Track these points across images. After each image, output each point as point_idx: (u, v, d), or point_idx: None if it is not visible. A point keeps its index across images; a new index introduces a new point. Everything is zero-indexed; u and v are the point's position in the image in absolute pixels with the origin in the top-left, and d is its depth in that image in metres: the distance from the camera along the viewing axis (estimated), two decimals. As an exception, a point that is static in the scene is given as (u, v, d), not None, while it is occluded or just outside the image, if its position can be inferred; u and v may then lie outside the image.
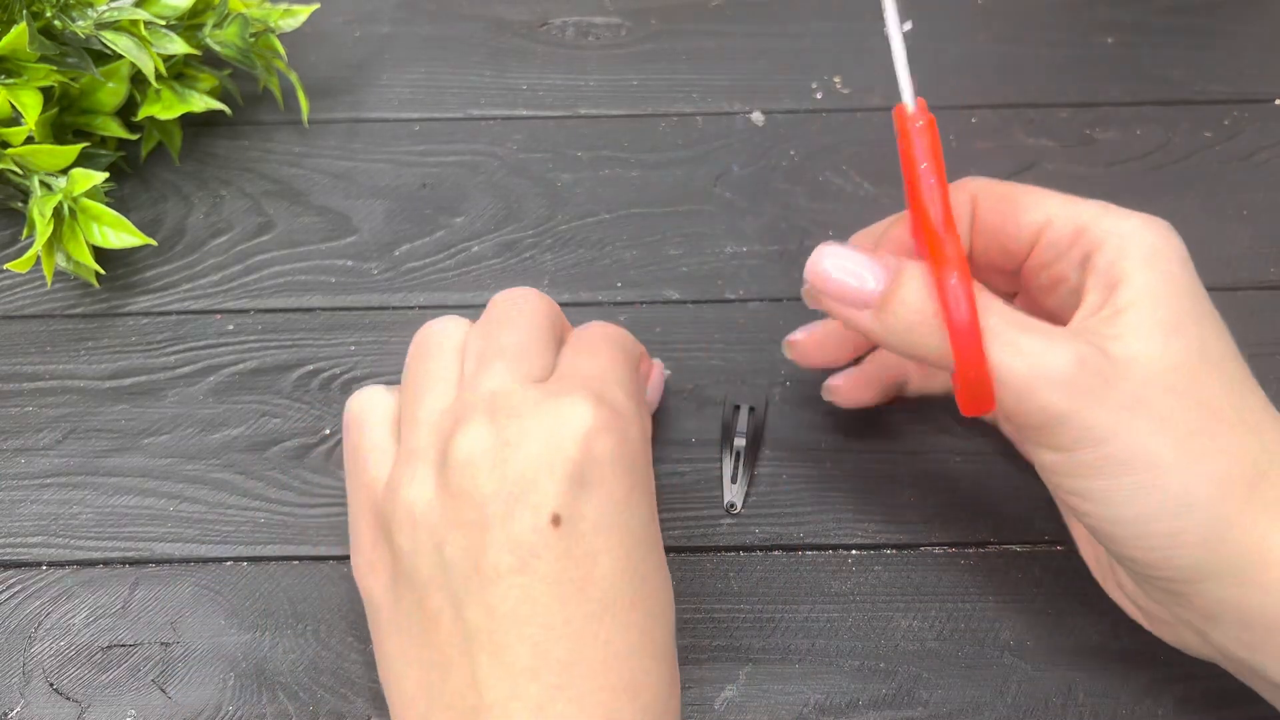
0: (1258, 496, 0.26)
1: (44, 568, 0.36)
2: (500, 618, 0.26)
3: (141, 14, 0.41)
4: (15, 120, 0.40)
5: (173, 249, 0.43)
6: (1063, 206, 0.29)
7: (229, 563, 0.36)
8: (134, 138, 0.44)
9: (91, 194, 0.40)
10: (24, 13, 0.40)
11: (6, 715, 0.33)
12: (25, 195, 0.41)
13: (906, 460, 0.37)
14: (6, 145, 0.40)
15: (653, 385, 0.36)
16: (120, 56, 0.41)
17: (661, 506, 0.37)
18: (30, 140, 0.40)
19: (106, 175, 0.40)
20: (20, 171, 0.40)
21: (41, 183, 0.40)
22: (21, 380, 0.40)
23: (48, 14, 0.40)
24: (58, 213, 0.39)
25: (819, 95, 0.48)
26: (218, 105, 0.44)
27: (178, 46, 0.42)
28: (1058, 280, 0.29)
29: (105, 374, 0.40)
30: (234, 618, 0.35)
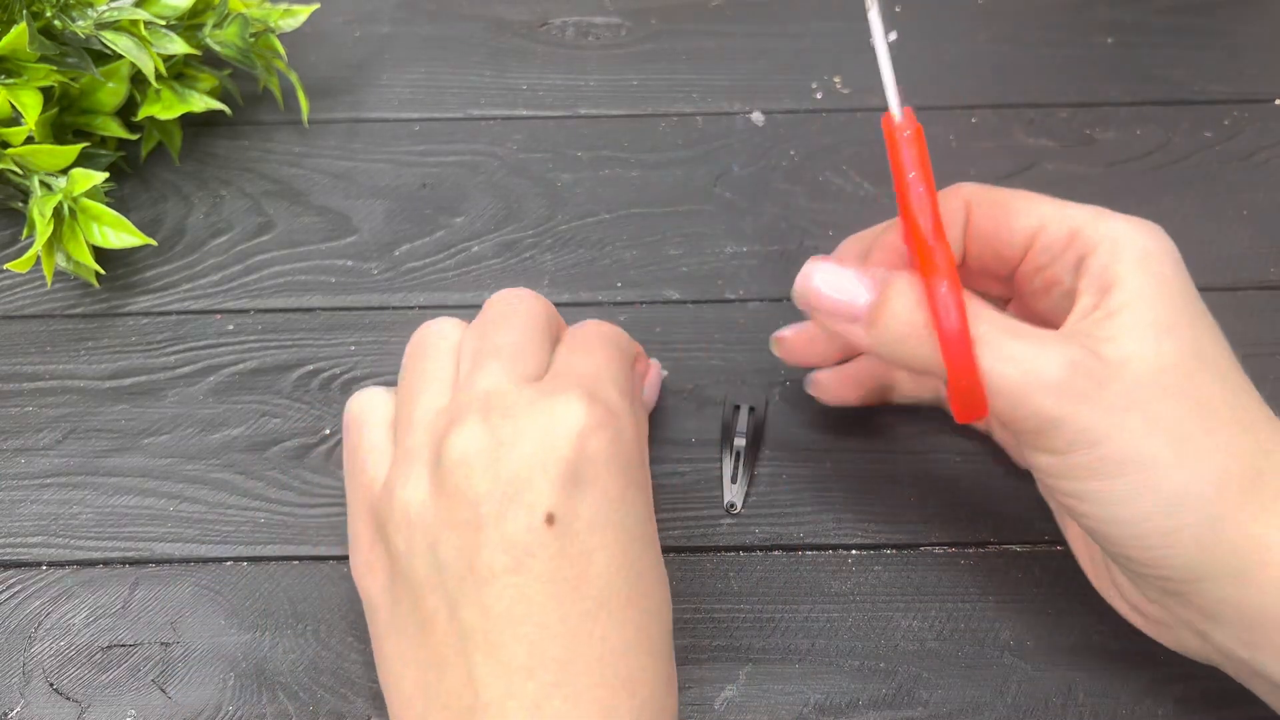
0: (1254, 495, 0.26)
1: (44, 568, 0.36)
2: (495, 617, 0.26)
3: (141, 14, 0.41)
4: (15, 120, 0.40)
5: (173, 249, 0.43)
6: (1056, 210, 0.29)
7: (229, 563, 0.36)
8: (134, 138, 0.44)
9: (91, 194, 0.40)
10: (24, 13, 0.40)
11: (6, 715, 0.33)
12: (25, 195, 0.41)
13: (906, 460, 0.37)
14: (6, 145, 0.40)
15: (649, 384, 0.36)
16: (120, 56, 0.41)
17: (661, 506, 0.37)
18: (30, 140, 0.40)
19: (106, 175, 0.40)
20: (20, 171, 0.40)
21: (41, 183, 0.40)
22: (21, 380, 0.40)
23: (48, 14, 0.40)
24: (58, 213, 0.39)
25: (819, 95, 0.48)
26: (218, 105, 0.44)
27: (178, 46, 0.42)
28: (1051, 284, 0.29)
29: (105, 374, 0.40)
30: (234, 618, 0.35)
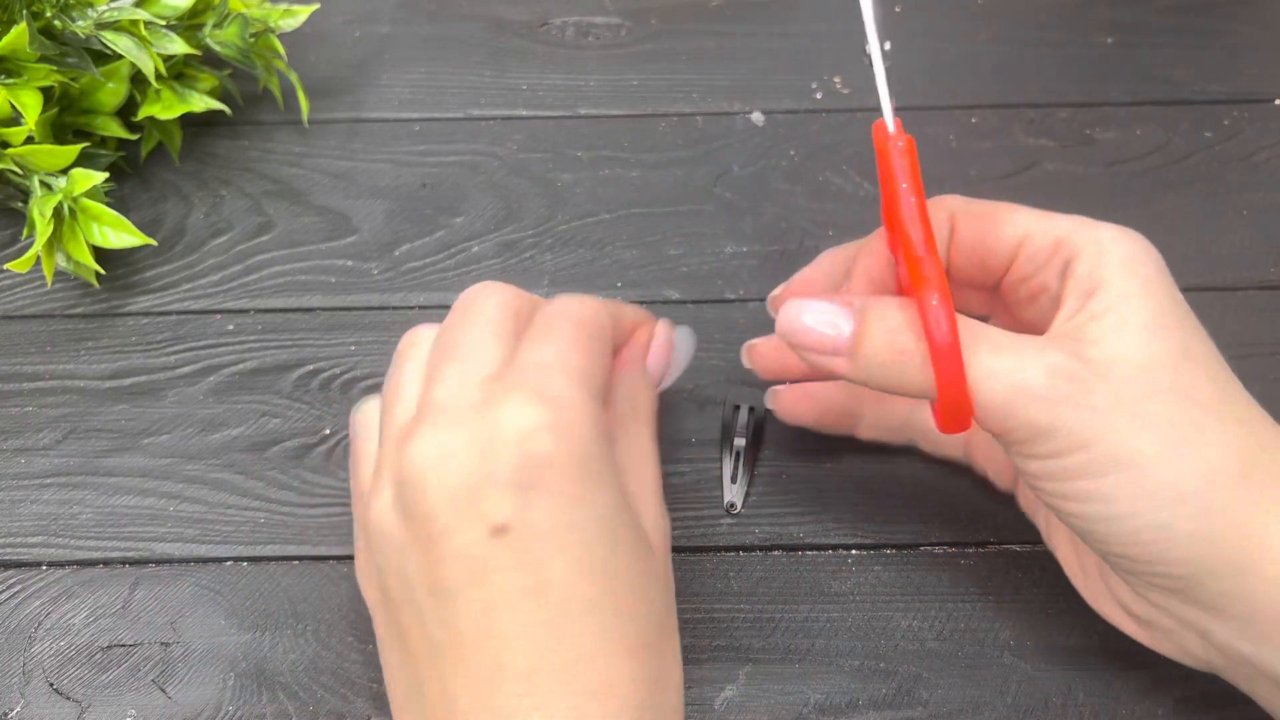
0: (1251, 486, 0.26)
1: (44, 568, 0.36)
2: (460, 632, 0.26)
3: (141, 14, 0.41)
4: (15, 120, 0.40)
5: (173, 249, 0.43)
6: (1040, 220, 0.29)
7: (229, 563, 0.36)
8: (134, 138, 0.44)
9: (91, 194, 0.40)
10: (24, 13, 0.40)
11: (6, 715, 0.33)
12: (25, 195, 0.41)
13: (906, 460, 0.37)
14: (6, 145, 0.40)
15: (654, 352, 0.33)
16: (120, 56, 0.41)
17: (661, 506, 0.37)
18: (30, 140, 0.40)
19: (106, 175, 0.40)
20: (20, 171, 0.40)
21: (41, 183, 0.40)
22: (21, 380, 0.40)
23: (48, 14, 0.40)
24: (58, 213, 0.39)
25: (819, 95, 0.48)
26: (218, 105, 0.44)
27: (178, 46, 0.42)
28: (1038, 292, 0.29)
29: (105, 374, 0.40)
30: (234, 618, 0.35)
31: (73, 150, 0.40)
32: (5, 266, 0.43)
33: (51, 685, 0.34)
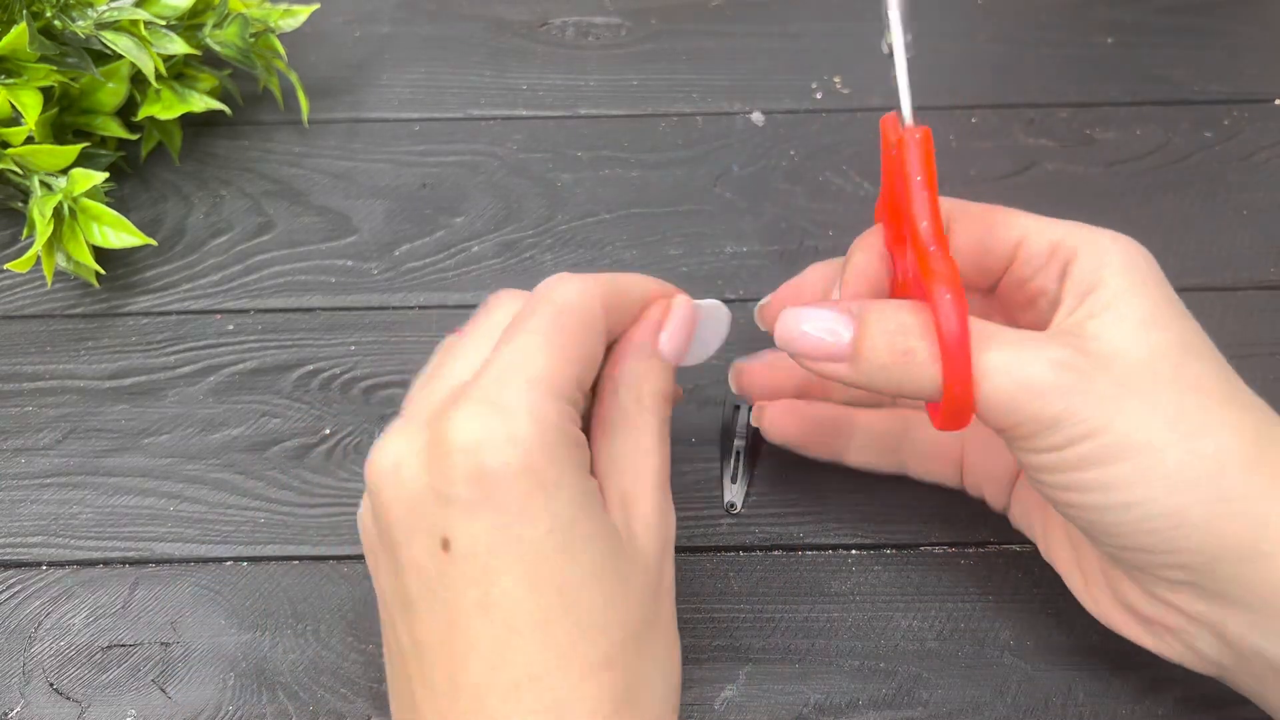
0: (1263, 470, 0.25)
1: (44, 568, 0.36)
2: (419, 644, 0.26)
3: (141, 14, 0.41)
4: (15, 120, 0.40)
5: (173, 249, 0.43)
6: (1037, 223, 0.29)
7: (229, 563, 0.36)
8: (134, 138, 0.44)
9: (91, 194, 0.40)
10: (24, 13, 0.40)
11: (6, 715, 0.33)
12: (25, 195, 0.41)
13: (906, 460, 0.37)
14: (6, 145, 0.40)
15: (670, 331, 0.30)
16: (120, 56, 0.41)
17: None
18: (30, 140, 0.40)
19: (106, 175, 0.40)
20: (20, 171, 0.40)
21: (41, 183, 0.40)
22: (21, 380, 0.40)
23: (48, 14, 0.40)
24: (58, 213, 0.39)
25: (819, 95, 0.48)
26: (218, 105, 0.44)
27: (178, 46, 0.42)
28: (1036, 295, 0.29)
29: (105, 374, 0.40)
30: (234, 618, 0.35)
31: (73, 150, 0.40)
32: (5, 266, 0.43)
33: (51, 685, 0.34)
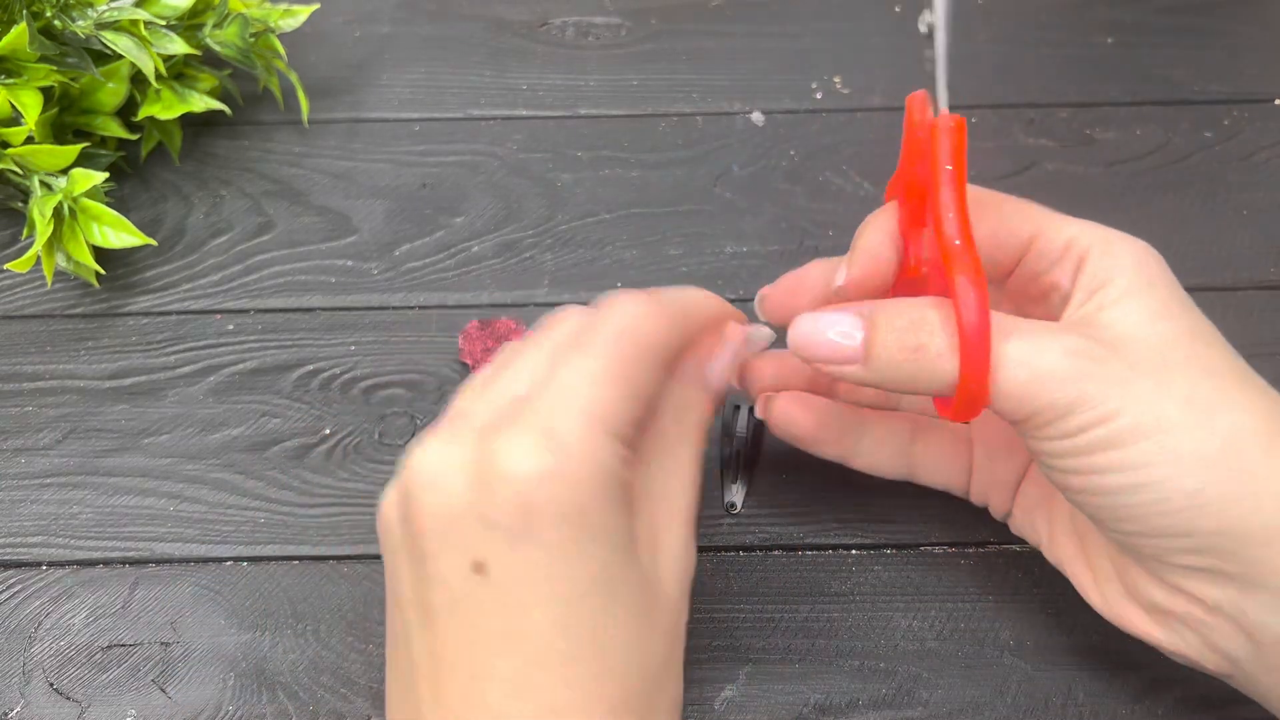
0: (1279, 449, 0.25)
1: (44, 568, 0.36)
2: (436, 656, 0.26)
3: (141, 14, 0.41)
4: (15, 120, 0.40)
5: (173, 249, 0.43)
6: (1052, 218, 0.30)
7: (229, 563, 0.36)
8: (134, 138, 0.44)
9: (91, 194, 0.40)
10: (24, 13, 0.40)
11: (6, 715, 0.33)
12: (25, 195, 0.41)
13: (906, 460, 0.37)
14: (6, 145, 0.40)
15: (718, 364, 0.30)
16: (120, 56, 0.41)
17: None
18: (30, 140, 0.40)
19: (106, 175, 0.40)
20: (20, 171, 0.40)
21: (41, 183, 0.40)
22: (21, 380, 0.40)
23: (48, 14, 0.40)
24: (58, 213, 0.39)
25: (819, 95, 0.48)
26: (218, 105, 0.44)
27: (178, 46, 0.42)
28: (1048, 289, 0.29)
29: (105, 374, 0.40)
30: (234, 618, 0.35)
31: (73, 150, 0.40)
32: (5, 266, 0.43)
33: (51, 685, 0.34)
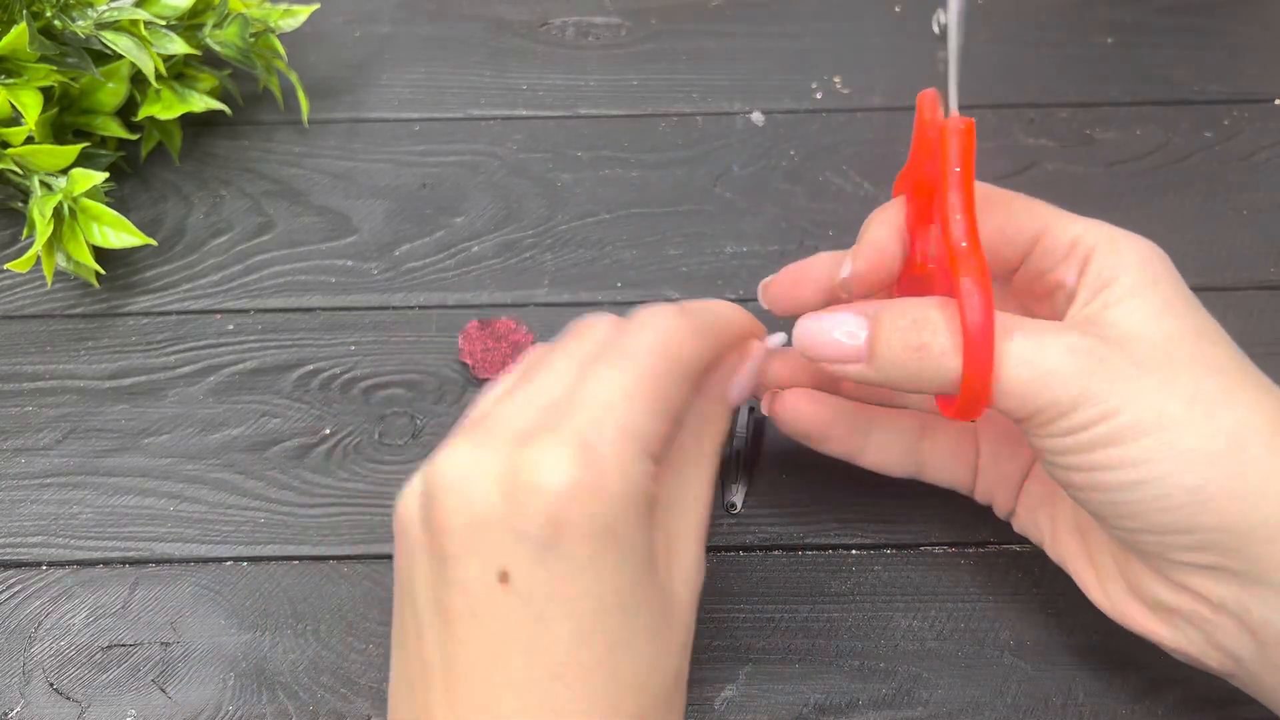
0: None
1: (44, 568, 0.36)
2: (451, 659, 0.25)
3: (141, 14, 0.41)
4: (15, 120, 0.40)
5: (173, 249, 0.43)
6: (1059, 216, 0.30)
7: (229, 563, 0.36)
8: (134, 138, 0.44)
9: (91, 194, 0.40)
10: (24, 13, 0.40)
11: (6, 715, 0.33)
12: (25, 195, 0.41)
13: (906, 460, 0.37)
14: (6, 145, 0.40)
15: (740, 383, 0.31)
16: (120, 56, 0.41)
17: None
18: (30, 140, 0.40)
19: (106, 175, 0.40)
20: (20, 171, 0.40)
21: (41, 183, 0.40)
22: (21, 380, 0.40)
23: (48, 14, 0.40)
24: (58, 213, 0.39)
25: (819, 95, 0.48)
26: (218, 105, 0.44)
27: (178, 46, 0.42)
28: (1054, 287, 0.30)
29: (105, 374, 0.40)
30: (234, 618, 0.35)
31: (73, 150, 0.40)
32: (5, 266, 0.43)
33: (51, 685, 0.34)
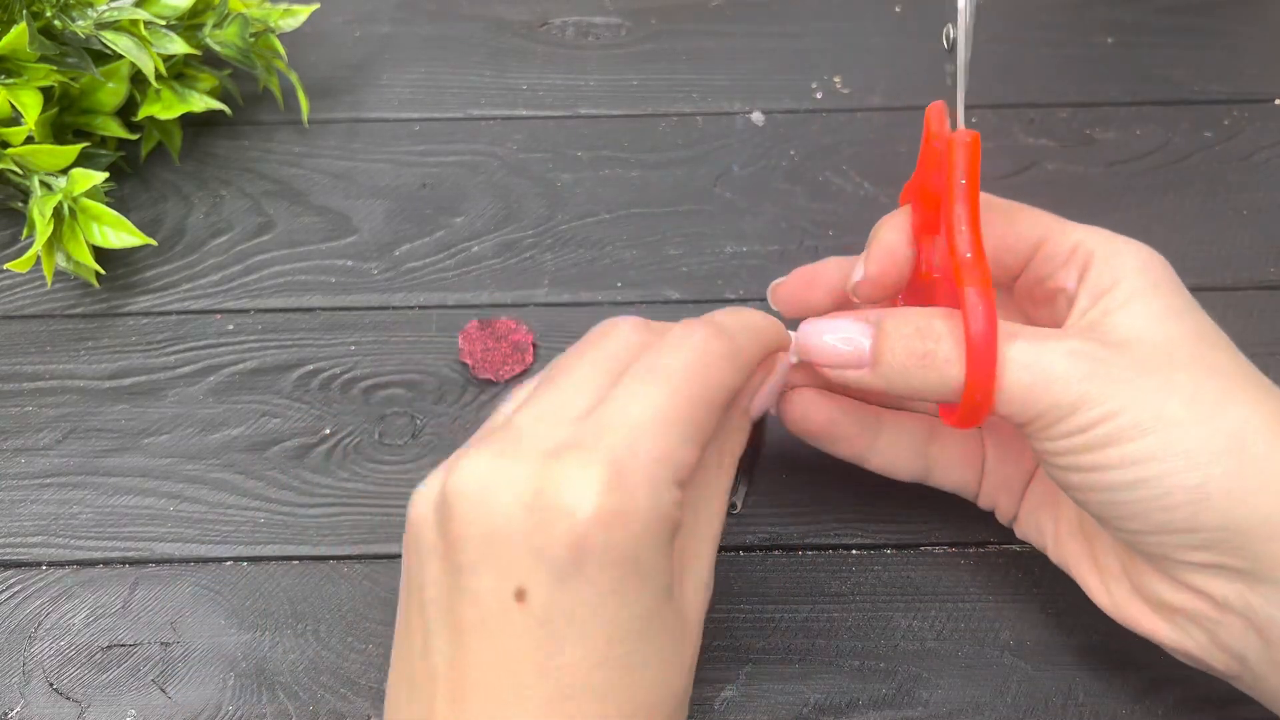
0: None
1: (44, 568, 0.36)
2: (460, 670, 0.25)
3: (141, 14, 0.41)
4: (15, 120, 0.40)
5: (173, 249, 0.43)
6: (1059, 223, 0.30)
7: (229, 563, 0.36)
8: (134, 138, 0.44)
9: (91, 194, 0.40)
10: (24, 13, 0.40)
11: (6, 715, 0.33)
12: (25, 195, 0.41)
13: (906, 460, 0.37)
14: (6, 145, 0.40)
15: (762, 398, 0.30)
16: (120, 56, 0.41)
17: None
18: (30, 140, 0.40)
19: (106, 175, 0.40)
20: (20, 171, 0.40)
21: (41, 183, 0.40)
22: (21, 380, 0.40)
23: (48, 14, 0.40)
24: (58, 213, 0.39)
25: (819, 95, 0.48)
26: (218, 105, 0.44)
27: (178, 46, 0.42)
28: (1055, 293, 0.30)
29: (105, 374, 0.40)
30: (234, 618, 0.35)
31: (73, 150, 0.40)
32: (5, 266, 0.43)
33: (51, 685, 0.34)
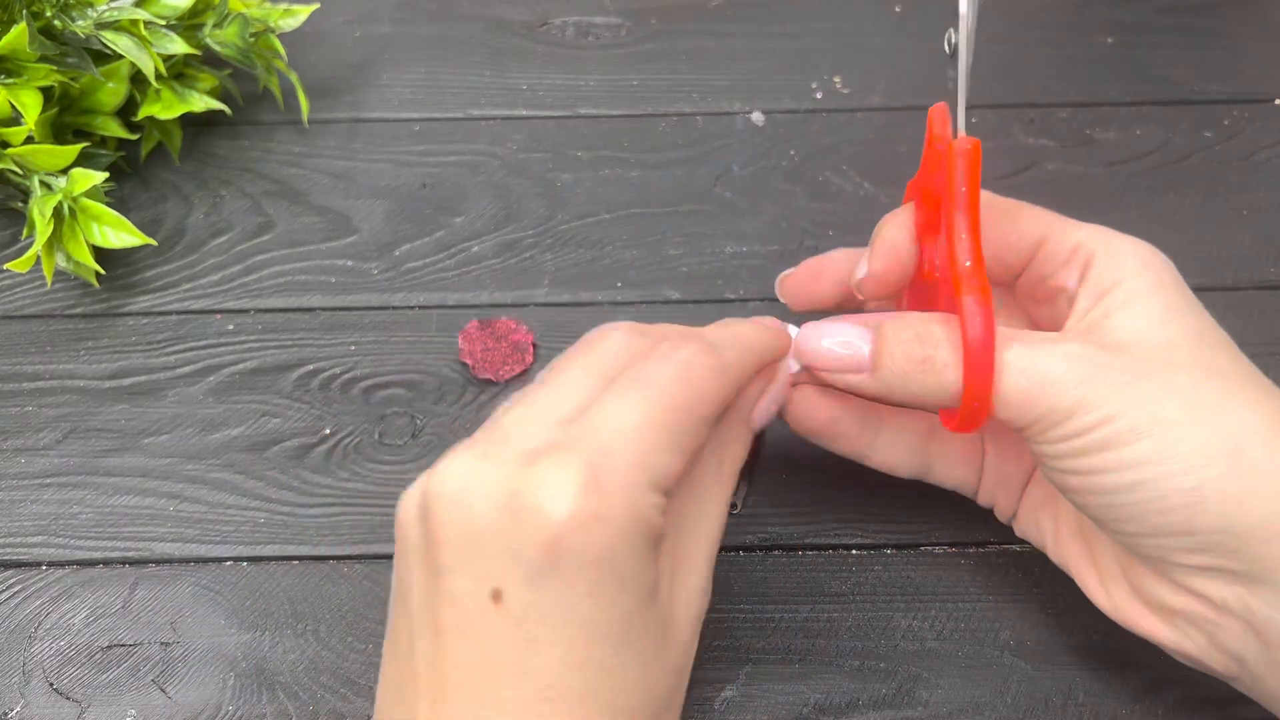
0: None
1: (44, 568, 0.36)
2: (439, 671, 0.25)
3: (141, 14, 0.41)
4: (15, 120, 0.40)
5: (173, 249, 0.43)
6: (1060, 222, 0.30)
7: (229, 563, 0.36)
8: (134, 138, 0.44)
9: (91, 194, 0.40)
10: (24, 13, 0.40)
11: (6, 715, 0.33)
12: (25, 195, 0.41)
13: (906, 460, 0.37)
14: (6, 145, 0.40)
15: (763, 407, 0.31)
16: (120, 56, 0.41)
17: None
18: (30, 140, 0.40)
19: (106, 175, 0.40)
20: (20, 171, 0.40)
21: (41, 183, 0.40)
22: (21, 380, 0.40)
23: (48, 14, 0.40)
24: (58, 213, 0.39)
25: (819, 95, 0.48)
26: (218, 105, 0.44)
27: (178, 46, 0.42)
28: (1055, 292, 0.30)
29: (105, 374, 0.40)
30: (234, 618, 0.35)
31: (73, 150, 0.40)
32: (5, 266, 0.43)
33: (51, 685, 0.34)
